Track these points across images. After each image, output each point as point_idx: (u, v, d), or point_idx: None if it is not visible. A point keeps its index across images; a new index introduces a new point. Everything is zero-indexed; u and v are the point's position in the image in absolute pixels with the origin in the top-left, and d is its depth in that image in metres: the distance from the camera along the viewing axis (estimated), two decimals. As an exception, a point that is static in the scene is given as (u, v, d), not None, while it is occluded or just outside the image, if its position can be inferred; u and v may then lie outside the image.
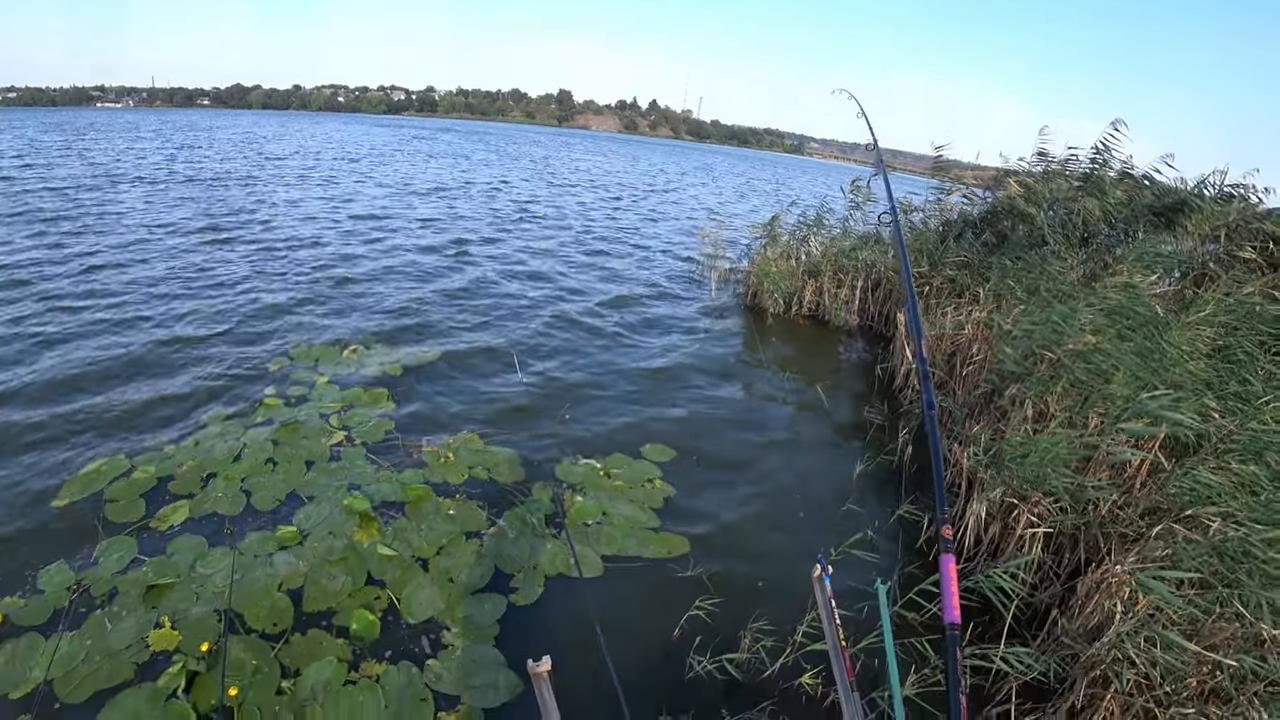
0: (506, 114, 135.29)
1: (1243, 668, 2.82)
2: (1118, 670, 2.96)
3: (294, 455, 5.10)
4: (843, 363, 8.77)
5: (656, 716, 3.22)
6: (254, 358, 6.84)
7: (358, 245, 12.18)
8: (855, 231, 10.43)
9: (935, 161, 10.35)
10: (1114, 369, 4.53)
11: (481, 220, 16.02)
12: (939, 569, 1.33)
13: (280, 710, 3.09)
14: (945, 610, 1.26)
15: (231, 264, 10.23)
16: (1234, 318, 5.05)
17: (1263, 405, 4.14)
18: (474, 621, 3.74)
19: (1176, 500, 3.68)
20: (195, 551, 4.02)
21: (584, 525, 4.66)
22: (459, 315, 8.84)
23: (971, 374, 6.15)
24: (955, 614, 1.25)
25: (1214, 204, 7.61)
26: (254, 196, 16.24)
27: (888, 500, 5.15)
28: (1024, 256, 7.30)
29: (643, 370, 7.72)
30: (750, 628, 3.63)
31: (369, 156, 30.34)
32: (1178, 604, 3.00)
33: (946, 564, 1.34)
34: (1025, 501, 4.13)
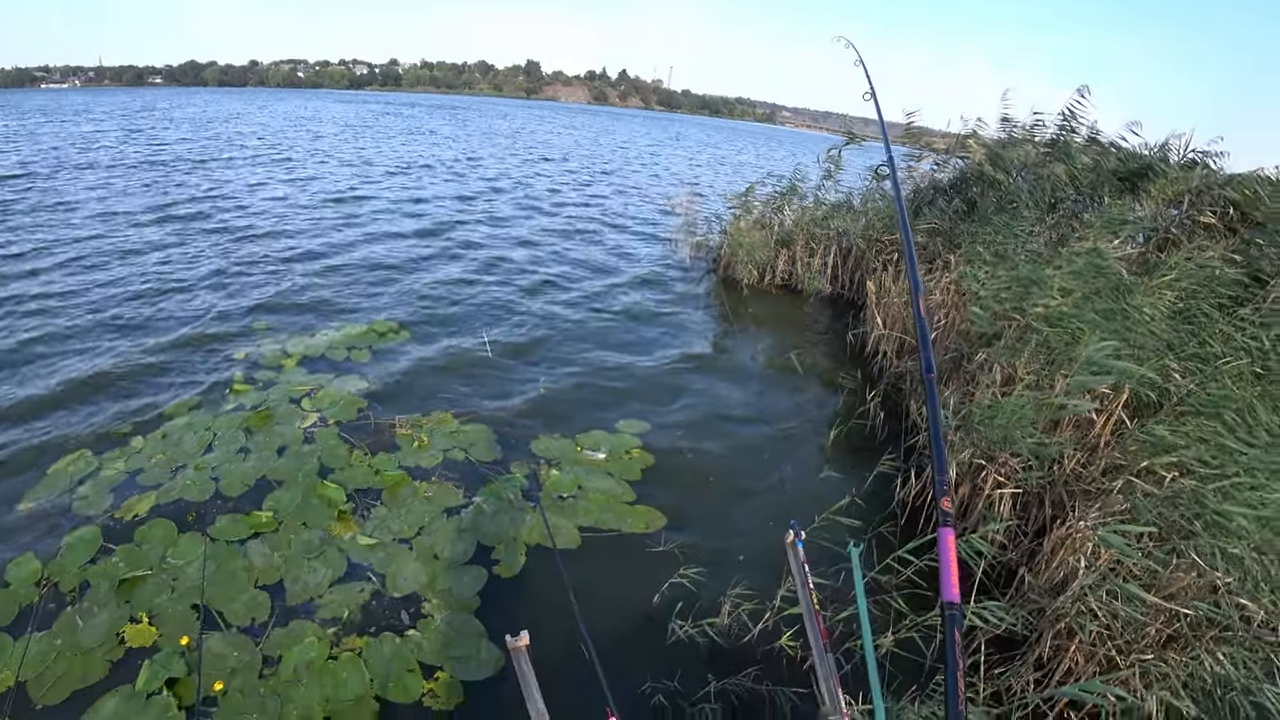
0: (473, 87, 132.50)
1: (1198, 615, 2.94)
2: (1081, 622, 3.07)
3: (266, 442, 5.02)
4: (815, 330, 8.84)
5: (640, 683, 3.29)
6: (220, 345, 6.69)
7: (323, 227, 11.88)
8: (827, 200, 10.45)
9: (906, 129, 10.35)
10: (1080, 332, 4.62)
11: (449, 198, 15.74)
12: (938, 544, 1.20)
13: (264, 694, 3.09)
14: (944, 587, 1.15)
15: (192, 250, 9.92)
16: (1195, 281, 5.16)
17: (1221, 365, 4.26)
18: (456, 593, 3.77)
19: (1137, 456, 3.79)
20: (164, 540, 3.96)
21: (560, 498, 4.68)
22: (427, 294, 8.72)
23: (941, 339, 6.24)
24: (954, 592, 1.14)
25: (1178, 170, 7.73)
26: (214, 179, 15.73)
27: (862, 465, 5.23)
28: (993, 222, 7.37)
29: (616, 343, 7.72)
30: (730, 594, 3.69)
31: (333, 134, 29.56)
32: (1136, 557, 3.11)
33: (945, 539, 1.21)
34: (993, 462, 4.23)
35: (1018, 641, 3.41)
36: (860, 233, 9.54)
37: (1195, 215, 6.88)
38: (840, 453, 5.56)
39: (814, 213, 10.14)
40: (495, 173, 20.95)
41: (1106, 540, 3.14)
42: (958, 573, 1.12)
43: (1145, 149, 8.24)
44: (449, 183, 17.97)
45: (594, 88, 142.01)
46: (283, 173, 17.37)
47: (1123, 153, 8.38)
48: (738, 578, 3.82)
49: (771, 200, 10.66)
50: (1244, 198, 6.78)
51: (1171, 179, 7.52)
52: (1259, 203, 6.57)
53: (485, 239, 12.10)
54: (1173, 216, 7.10)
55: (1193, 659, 2.82)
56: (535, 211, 15.14)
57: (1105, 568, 3.19)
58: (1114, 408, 4.33)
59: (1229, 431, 3.69)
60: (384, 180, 17.43)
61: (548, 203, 16.41)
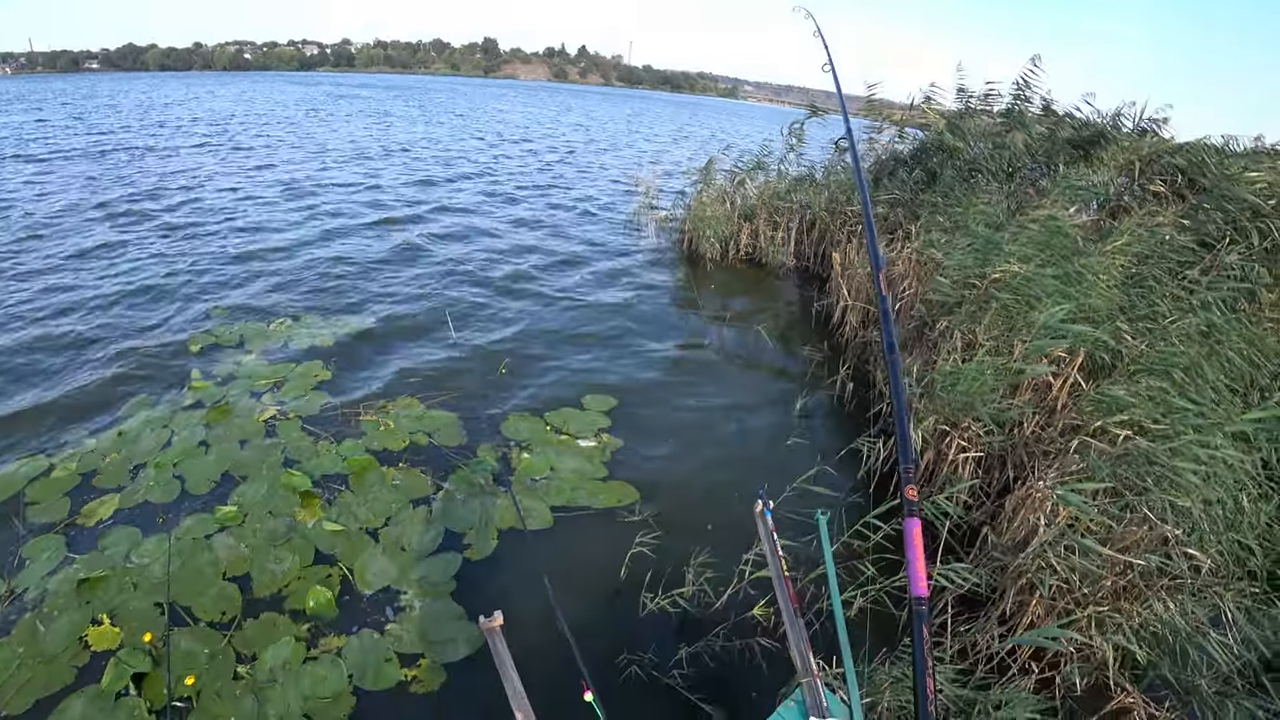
0: (429, 66, 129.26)
1: (1150, 566, 3.07)
2: (1042, 577, 3.18)
3: (227, 436, 4.91)
4: (780, 303, 8.93)
5: (615, 655, 3.33)
6: (175, 340, 6.47)
7: (276, 217, 11.43)
8: (790, 174, 10.48)
9: (867, 101, 10.41)
10: (1037, 298, 4.74)
11: (408, 182, 15.37)
12: (904, 535, 1.13)
13: (240, 694, 3.05)
14: (911, 581, 1.07)
15: (140, 244, 9.48)
16: (1146, 247, 5.31)
17: (1169, 325, 4.40)
18: (430, 581, 3.75)
19: (1092, 417, 3.91)
20: (129, 543, 3.86)
21: (531, 480, 4.68)
22: (388, 281, 8.55)
23: (904, 308, 6.34)
24: (922, 586, 1.06)
25: (1129, 137, 7.94)
26: (162, 168, 15.04)
27: (830, 434, 5.33)
28: (952, 192, 7.48)
29: (582, 321, 7.70)
30: (701, 566, 3.74)
31: (284, 119, 28.60)
32: (1092, 513, 3.22)
33: (911, 530, 1.14)
34: (956, 428, 4.34)
35: (982, 599, 3.53)
36: (823, 205, 9.60)
37: (1145, 184, 7.07)
38: (809, 422, 5.64)
39: (776, 186, 10.18)
40: (454, 154, 20.56)
41: (1065, 498, 3.24)
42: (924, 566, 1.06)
43: (1098, 117, 8.44)
44: (407, 167, 17.56)
45: (554, 65, 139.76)
46: (234, 161, 16.75)
47: (1077, 122, 8.56)
48: (707, 548, 3.87)
49: (734, 174, 10.67)
50: (1191, 164, 6.99)
51: (1123, 146, 7.72)
52: (1205, 169, 6.78)
53: (445, 221, 11.89)
54: (1125, 184, 7.29)
55: (1145, 608, 2.94)
56: (496, 193, 14.90)
57: (1063, 524, 3.30)
58: (1070, 370, 4.46)
59: (1178, 389, 3.83)
60: (339, 167, 16.93)
61: (509, 184, 16.16)
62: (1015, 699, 2.70)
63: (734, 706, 3.12)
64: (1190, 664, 2.77)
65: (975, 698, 2.76)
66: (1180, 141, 7.67)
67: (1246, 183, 5.73)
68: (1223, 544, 3.19)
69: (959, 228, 6.24)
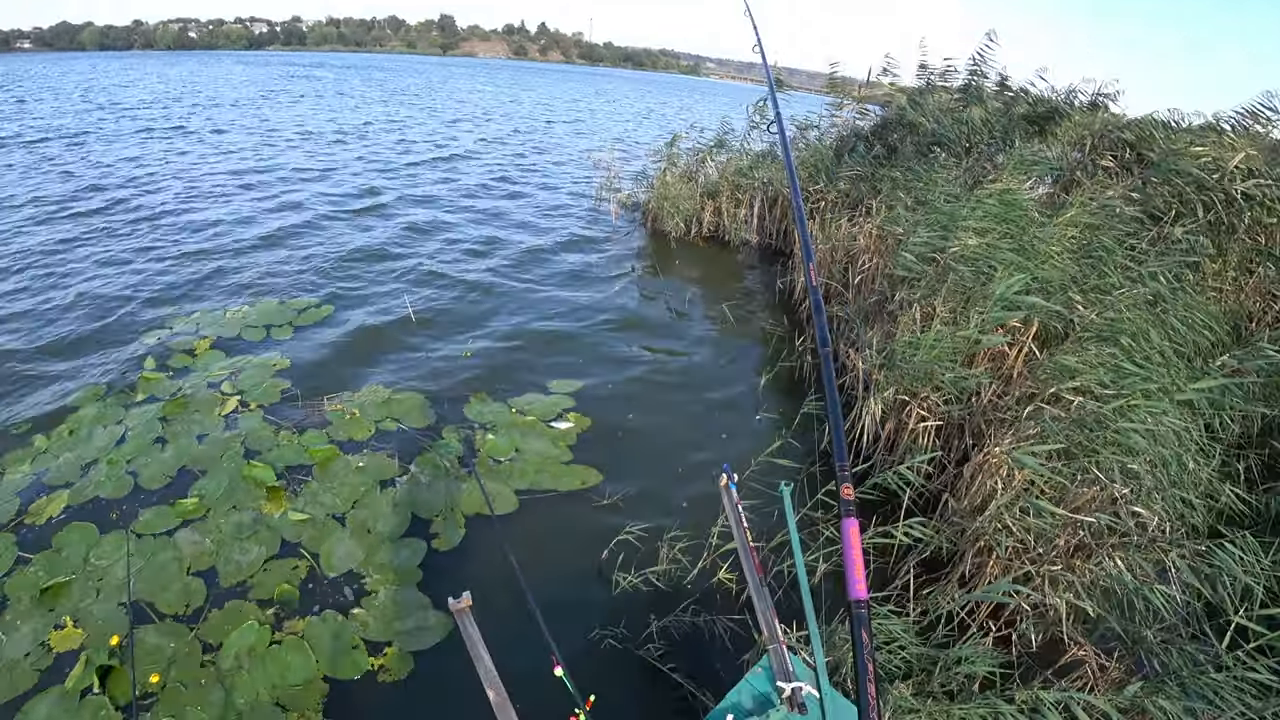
0: (384, 44, 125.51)
1: (1100, 525, 3.19)
2: (999, 539, 3.28)
3: (184, 430, 4.77)
4: (744, 280, 8.99)
5: (589, 630, 3.36)
6: (127, 332, 6.26)
7: (230, 203, 11.05)
8: (753, 151, 10.51)
9: (829, 79, 10.46)
10: (993, 269, 4.84)
11: (367, 166, 14.97)
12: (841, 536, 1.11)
13: (207, 684, 3.02)
14: (849, 584, 1.04)
15: (85, 234, 9.07)
16: (1096, 219, 5.46)
17: (1119, 295, 4.54)
18: (396, 567, 3.73)
19: (1046, 384, 4.03)
20: (86, 541, 3.75)
21: (495, 463, 4.65)
22: (346, 267, 8.36)
23: (865, 282, 6.42)
24: (861, 588, 1.03)
25: (1082, 112, 8.12)
26: (105, 155, 14.24)
27: (792, 407, 5.39)
28: (913, 167, 7.57)
29: (545, 303, 7.66)
30: (667, 539, 3.79)
31: (234, 102, 27.59)
32: (1045, 475, 3.33)
33: (849, 531, 1.12)
34: (916, 398, 4.43)
35: (943, 562, 3.64)
36: (785, 183, 9.64)
37: (1096, 158, 7.25)
38: (772, 396, 5.71)
39: (739, 163, 10.19)
40: (414, 136, 20.09)
41: (1020, 460, 3.35)
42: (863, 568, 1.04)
43: (1052, 93, 8.62)
44: (366, 150, 17.10)
45: (513, 42, 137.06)
46: (185, 147, 16.06)
47: (1032, 97, 8.73)
48: (676, 523, 3.92)
49: (697, 152, 10.65)
50: (1140, 139, 7.18)
51: (1076, 121, 7.89)
52: (1153, 144, 6.97)
53: (404, 205, 11.64)
54: (1077, 159, 7.46)
55: (1096, 565, 3.07)
56: (457, 174, 14.64)
57: (1019, 488, 3.41)
58: (1025, 340, 4.58)
59: (1126, 355, 3.96)
60: (294, 151, 16.39)
61: (470, 164, 15.89)
62: (974, 655, 2.80)
63: (704, 675, 3.17)
64: (1138, 615, 2.89)
65: (936, 655, 2.85)
66: (1130, 117, 7.88)
67: (1191, 157, 5.91)
68: (1167, 501, 3.33)
69: (920, 203, 6.32)
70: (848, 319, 6.09)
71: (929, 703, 2.53)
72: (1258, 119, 6.50)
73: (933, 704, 2.52)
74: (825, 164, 9.03)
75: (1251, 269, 5.71)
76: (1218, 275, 5.62)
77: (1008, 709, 2.41)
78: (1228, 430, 4.08)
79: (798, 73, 40.24)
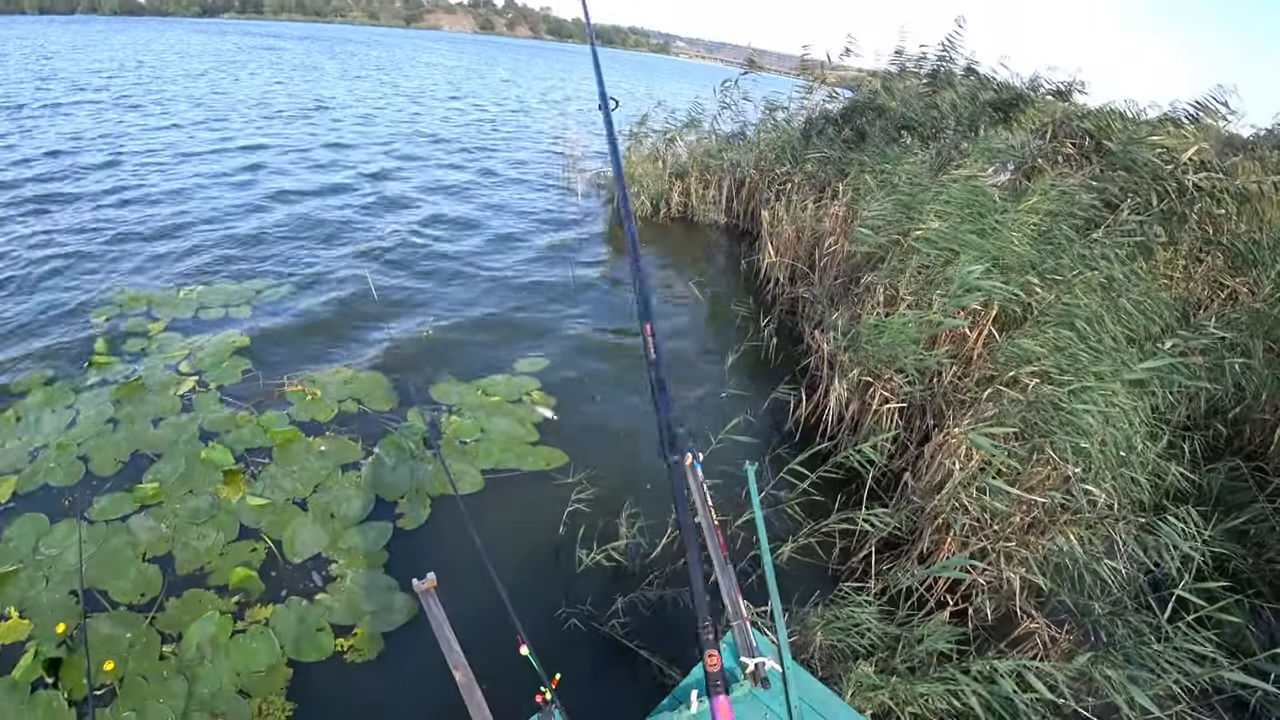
0: (345, 14, 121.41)
1: (1053, 503, 3.30)
2: (955, 518, 3.37)
3: (138, 413, 4.60)
4: (711, 260, 9.02)
5: (554, 609, 3.37)
6: (74, 314, 5.95)
7: (185, 179, 10.45)
8: (722, 131, 10.49)
9: (801, 61, 10.47)
10: (955, 253, 4.92)
11: (325, 143, 14.48)
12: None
13: (168, 675, 2.94)
14: None
15: (34, 214, 8.44)
16: (1055, 205, 5.58)
17: (1074, 280, 4.66)
18: (361, 550, 3.68)
19: (1005, 367, 4.13)
20: (35, 530, 3.61)
21: (461, 444, 4.61)
22: (305, 245, 8.11)
23: (830, 265, 6.49)
24: None
25: (1045, 99, 8.29)
26: (54, 129, 13.13)
27: (758, 387, 5.45)
28: (883, 151, 7.63)
29: (510, 282, 7.58)
30: (630, 519, 3.79)
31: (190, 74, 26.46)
32: (1000, 456, 3.43)
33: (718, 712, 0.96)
34: (880, 379, 4.51)
35: (903, 540, 3.73)
36: (753, 164, 9.66)
37: (1058, 146, 7.41)
38: (738, 376, 5.75)
39: (707, 144, 10.17)
40: (378, 112, 19.55)
41: (976, 442, 3.43)
42: None
43: (1016, 80, 8.77)
44: (327, 127, 16.57)
45: (480, 15, 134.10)
46: (136, 121, 15.10)
47: (997, 84, 8.86)
48: (640, 503, 3.93)
49: (665, 132, 10.59)
50: (1099, 129, 7.36)
51: (1040, 108, 8.04)
52: (1111, 133, 7.15)
53: (366, 183, 11.33)
54: (1039, 147, 7.61)
55: (1049, 540, 3.18)
56: (420, 153, 14.27)
57: (976, 468, 3.50)
58: (984, 323, 4.69)
59: (1080, 339, 4.08)
60: (252, 126, 15.73)
61: (434, 140, 15.55)
62: (935, 632, 2.89)
63: (669, 650, 3.21)
64: (1086, 589, 3.01)
65: (900, 634, 2.93)
66: (1090, 107, 8.07)
67: (1149, 146, 6.07)
68: (1117, 480, 3.46)
69: (886, 186, 6.39)
70: (813, 300, 6.15)
71: (892, 680, 2.60)
72: (1209, 112, 6.71)
73: (896, 681, 2.59)
74: (791, 146, 9.08)
75: (1200, 258, 5.92)
76: (1169, 264, 5.81)
77: (965, 680, 2.49)
78: (1175, 412, 4.24)
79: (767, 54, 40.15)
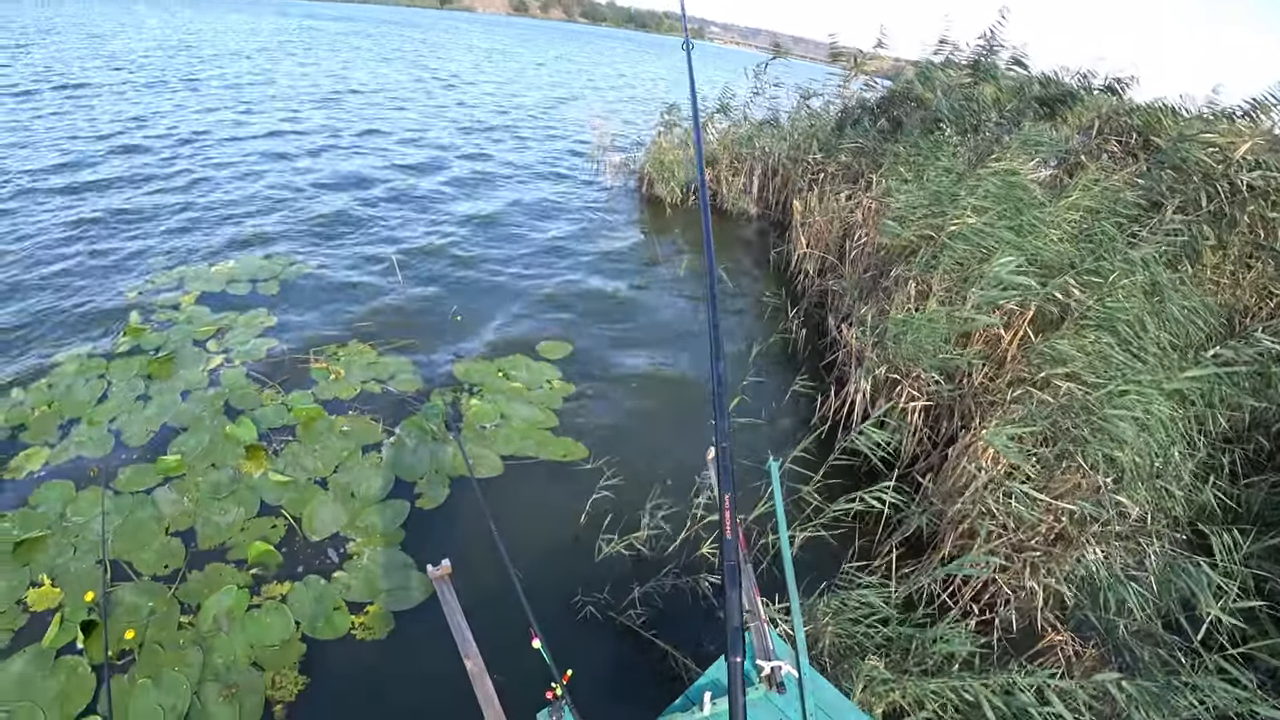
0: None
1: (1082, 514, 3.19)
2: (981, 523, 3.28)
3: (168, 387, 4.68)
4: (740, 249, 8.90)
5: (570, 596, 3.36)
6: (109, 286, 6.04)
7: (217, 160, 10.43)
8: (754, 119, 10.30)
9: (830, 49, 10.24)
10: (992, 249, 4.77)
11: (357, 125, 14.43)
12: None
13: (184, 644, 3.00)
14: None
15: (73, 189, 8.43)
16: (1098, 202, 5.39)
17: (1115, 282, 4.49)
18: (379, 529, 3.71)
19: (1039, 369, 4.00)
20: (63, 498, 3.69)
21: (482, 428, 4.61)
22: (332, 226, 8.15)
23: (860, 257, 6.35)
24: None
25: (1098, 96, 7.99)
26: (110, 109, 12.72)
27: (784, 380, 5.37)
28: (919, 143, 7.44)
29: (537, 265, 7.58)
30: (650, 508, 3.76)
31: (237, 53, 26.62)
32: (1014, 454, 3.32)
33: None
34: (907, 377, 4.40)
35: (925, 545, 3.65)
36: (786, 153, 9.48)
37: (1103, 142, 7.16)
38: (764, 368, 5.68)
39: (738, 132, 9.99)
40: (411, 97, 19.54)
41: (993, 441, 3.34)
42: None
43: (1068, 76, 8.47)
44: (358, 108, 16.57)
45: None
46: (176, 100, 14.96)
47: (1044, 78, 8.57)
48: (661, 493, 3.89)
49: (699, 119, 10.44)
50: (1147, 125, 7.09)
51: (1089, 104, 7.76)
52: (1160, 129, 6.88)
53: (397, 166, 11.32)
54: (1082, 142, 7.36)
55: (1076, 553, 3.08)
56: (451, 133, 14.27)
57: (1002, 472, 3.39)
58: (1021, 323, 4.54)
59: (1122, 344, 3.94)
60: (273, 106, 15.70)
61: (467, 123, 15.52)
62: (951, 634, 2.82)
63: (686, 642, 3.18)
64: (1114, 608, 2.90)
65: (914, 634, 2.87)
66: (1138, 102, 7.77)
67: (1201, 144, 5.81)
68: (1150, 492, 3.33)
69: (920, 178, 6.22)
70: (842, 292, 6.03)
71: (905, 678, 2.54)
72: (1267, 111, 6.41)
73: (908, 680, 2.53)
74: (822, 135, 8.91)
75: (1250, 263, 5.68)
76: (1217, 268, 5.58)
77: (977, 685, 2.43)
78: (1216, 424, 4.09)
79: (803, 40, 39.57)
